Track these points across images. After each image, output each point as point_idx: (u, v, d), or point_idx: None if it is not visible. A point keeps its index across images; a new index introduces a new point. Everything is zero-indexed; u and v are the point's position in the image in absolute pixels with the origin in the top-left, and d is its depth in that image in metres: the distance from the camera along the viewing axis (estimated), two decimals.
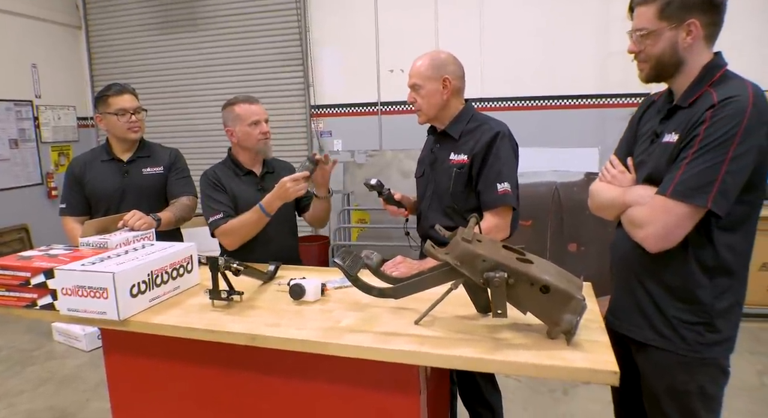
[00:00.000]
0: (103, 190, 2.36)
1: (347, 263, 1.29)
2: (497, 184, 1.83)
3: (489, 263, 1.20)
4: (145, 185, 2.39)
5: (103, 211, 2.36)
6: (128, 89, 2.38)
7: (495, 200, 1.84)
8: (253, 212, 2.01)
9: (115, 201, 2.35)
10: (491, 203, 1.84)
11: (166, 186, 2.44)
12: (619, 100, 5.01)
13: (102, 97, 2.34)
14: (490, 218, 1.85)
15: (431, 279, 1.28)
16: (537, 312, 1.22)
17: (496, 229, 1.84)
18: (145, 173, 2.40)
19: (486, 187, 1.85)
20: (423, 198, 2.04)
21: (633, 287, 1.43)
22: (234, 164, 2.21)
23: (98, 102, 2.36)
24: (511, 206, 1.86)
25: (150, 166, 2.42)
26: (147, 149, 2.47)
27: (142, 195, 2.35)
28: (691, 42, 1.32)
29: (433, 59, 1.92)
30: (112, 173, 2.37)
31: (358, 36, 5.38)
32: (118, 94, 2.34)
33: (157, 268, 1.58)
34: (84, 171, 2.39)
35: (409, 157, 5.12)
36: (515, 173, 1.90)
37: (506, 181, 1.83)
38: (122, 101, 2.33)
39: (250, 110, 2.14)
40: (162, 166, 2.44)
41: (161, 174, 2.43)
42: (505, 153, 1.85)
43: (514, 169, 1.89)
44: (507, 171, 1.85)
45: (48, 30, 5.84)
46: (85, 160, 2.44)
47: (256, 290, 1.71)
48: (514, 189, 1.86)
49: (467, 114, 1.96)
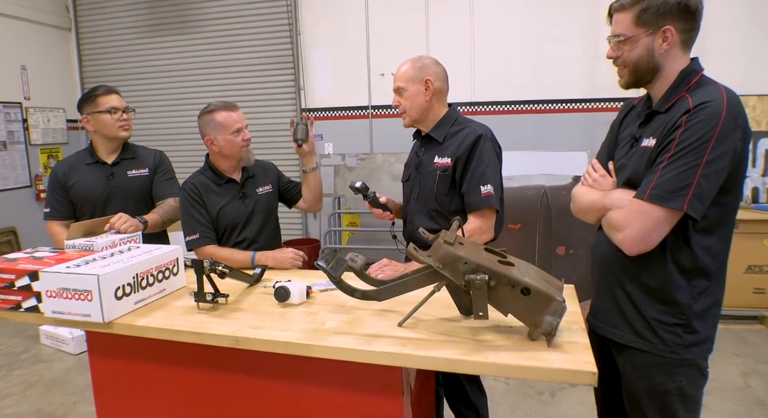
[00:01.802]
0: (88, 194, 2.35)
1: (331, 265, 1.30)
2: (481, 186, 1.85)
3: (470, 266, 1.21)
4: (131, 188, 2.38)
5: (89, 214, 2.35)
6: (115, 90, 2.38)
7: (479, 202, 1.86)
8: (243, 255, 2.03)
9: (100, 204, 2.34)
10: (475, 205, 1.86)
11: (151, 188, 2.43)
12: (607, 104, 5.04)
13: (90, 98, 2.33)
14: (473, 220, 1.87)
15: (414, 281, 1.29)
16: (518, 314, 1.24)
17: (480, 231, 1.86)
18: (130, 176, 2.39)
19: (470, 189, 1.87)
20: (408, 201, 2.06)
21: (613, 289, 1.45)
22: (214, 173, 2.16)
23: (85, 103, 2.34)
24: (494, 208, 1.88)
25: (135, 169, 2.41)
26: (131, 151, 2.46)
27: (127, 197, 2.34)
28: (667, 48, 1.34)
29: (415, 62, 1.96)
30: (97, 176, 2.36)
31: (349, 39, 5.39)
32: (107, 93, 2.34)
33: (143, 270, 1.59)
34: (68, 175, 2.37)
35: (400, 160, 5.12)
36: (498, 175, 1.93)
37: (489, 183, 1.85)
38: (112, 100, 2.33)
39: (232, 118, 2.08)
40: (147, 168, 2.43)
41: (146, 176, 2.42)
42: (488, 155, 1.88)
43: (497, 171, 1.92)
44: (490, 173, 1.87)
45: (38, 32, 5.80)
46: (70, 163, 2.42)
47: (241, 292, 1.72)
48: (497, 191, 1.88)
49: (451, 118, 1.99)
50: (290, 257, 2.01)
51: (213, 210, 2.10)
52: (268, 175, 2.27)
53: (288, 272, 1.99)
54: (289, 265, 2.01)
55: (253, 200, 2.16)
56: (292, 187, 2.31)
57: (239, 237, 2.12)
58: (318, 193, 2.27)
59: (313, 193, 2.26)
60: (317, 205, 2.30)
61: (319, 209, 2.33)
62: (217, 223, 2.11)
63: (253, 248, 2.10)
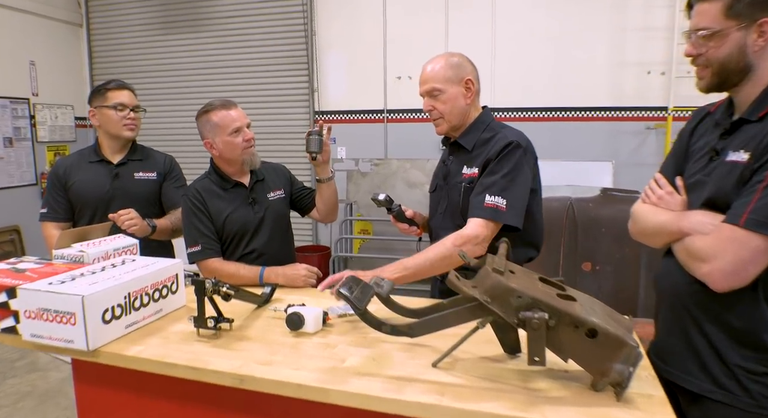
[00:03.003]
0: (89, 194, 2.17)
1: (355, 294, 1.09)
2: (487, 196, 1.59)
3: (525, 300, 1.00)
4: (136, 191, 2.20)
5: (88, 217, 2.17)
6: (129, 86, 2.23)
7: (478, 210, 1.60)
8: (250, 271, 1.83)
9: (101, 207, 2.15)
10: (474, 211, 1.61)
11: (158, 194, 2.26)
12: (633, 113, 4.86)
13: (100, 90, 2.19)
14: (471, 225, 1.60)
15: (455, 316, 1.08)
16: (581, 360, 1.03)
17: (473, 240, 1.58)
18: (137, 178, 2.22)
19: (476, 194, 1.63)
20: (435, 215, 1.85)
21: (687, 329, 1.23)
22: (219, 177, 1.97)
23: (94, 96, 2.19)
24: (496, 223, 1.60)
25: (143, 171, 2.24)
26: (140, 152, 2.29)
27: (132, 202, 2.15)
28: (763, 44, 1.13)
29: (450, 60, 1.72)
30: (101, 176, 2.19)
31: (365, 41, 5.22)
32: (119, 88, 2.19)
33: (136, 289, 1.39)
34: (69, 173, 2.20)
35: (415, 167, 4.95)
36: (521, 190, 1.63)
37: (499, 195, 1.58)
38: (122, 96, 2.18)
39: (229, 117, 1.87)
40: (155, 171, 2.26)
41: (154, 180, 2.25)
42: (510, 165, 1.61)
43: (521, 186, 1.63)
44: (505, 185, 1.59)
45: (48, 27, 5.69)
46: (71, 161, 2.25)
47: (248, 315, 1.51)
48: (515, 206, 1.59)
49: (483, 122, 1.75)
50: (303, 275, 1.80)
51: (218, 217, 1.90)
52: (280, 179, 2.07)
53: (301, 290, 1.78)
54: (302, 283, 1.80)
55: (263, 207, 1.96)
56: (306, 194, 2.10)
57: (247, 248, 1.92)
58: (332, 205, 2.05)
59: (327, 204, 2.04)
60: (331, 216, 2.08)
61: (333, 220, 2.12)
62: (222, 231, 1.90)
63: (262, 261, 1.90)
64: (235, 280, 1.80)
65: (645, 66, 4.70)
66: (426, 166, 4.90)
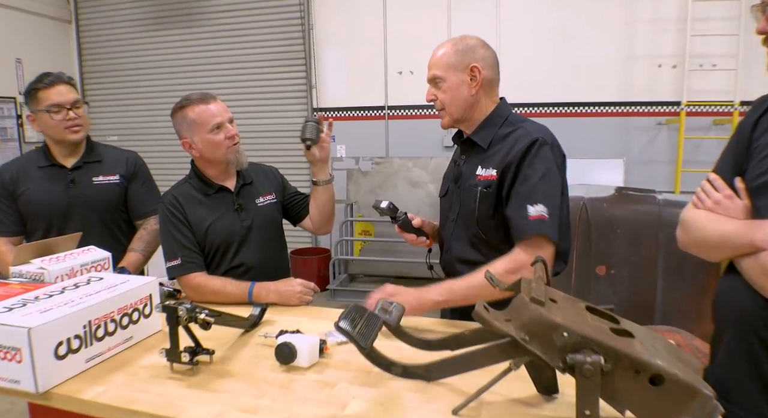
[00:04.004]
0: (42, 205, 1.89)
1: (359, 328, 0.88)
2: (528, 207, 1.37)
3: (573, 339, 0.79)
4: (97, 198, 1.93)
5: (43, 230, 1.91)
6: (62, 78, 1.89)
7: (524, 227, 1.37)
8: (238, 287, 1.61)
9: (57, 218, 1.89)
10: (520, 231, 1.39)
11: (123, 198, 2.00)
12: (644, 108, 4.71)
13: (31, 92, 1.86)
14: (519, 251, 1.39)
15: (483, 356, 0.87)
16: (642, 412, 0.82)
17: (526, 267, 1.34)
18: (96, 183, 1.94)
19: (515, 209, 1.40)
20: (446, 223, 1.61)
21: (756, 358, 1.02)
22: (201, 181, 1.74)
23: (28, 98, 1.87)
24: (547, 237, 1.38)
25: (102, 174, 1.96)
26: (97, 153, 1.99)
27: (92, 210, 1.91)
28: None
29: (457, 44, 1.49)
30: (54, 183, 1.91)
31: (365, 35, 5.06)
32: (50, 86, 1.85)
33: (100, 316, 1.18)
34: (17, 180, 1.91)
35: (418, 165, 4.76)
36: (557, 194, 1.42)
37: (541, 203, 1.36)
38: (55, 94, 1.84)
39: (208, 112, 1.65)
40: (117, 174, 1.99)
41: (116, 184, 1.98)
42: (543, 166, 1.40)
43: (556, 189, 1.42)
44: (544, 189, 1.38)
45: (35, 23, 5.50)
46: (19, 166, 1.96)
47: (233, 342, 1.30)
48: (554, 215, 1.38)
49: (499, 116, 1.52)
50: (298, 291, 1.58)
51: (200, 227, 1.68)
52: (270, 182, 1.85)
53: (296, 309, 1.57)
54: (297, 301, 1.58)
55: (251, 214, 1.74)
56: (300, 200, 1.87)
57: (233, 261, 1.70)
58: (328, 213, 1.82)
59: (322, 211, 1.81)
60: (326, 227, 1.85)
61: (328, 231, 1.88)
62: (205, 243, 1.68)
63: (252, 275, 1.68)
64: (221, 298, 1.59)
65: (656, 59, 4.54)
66: (429, 164, 4.72)
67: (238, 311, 1.35)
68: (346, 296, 4.65)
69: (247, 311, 1.41)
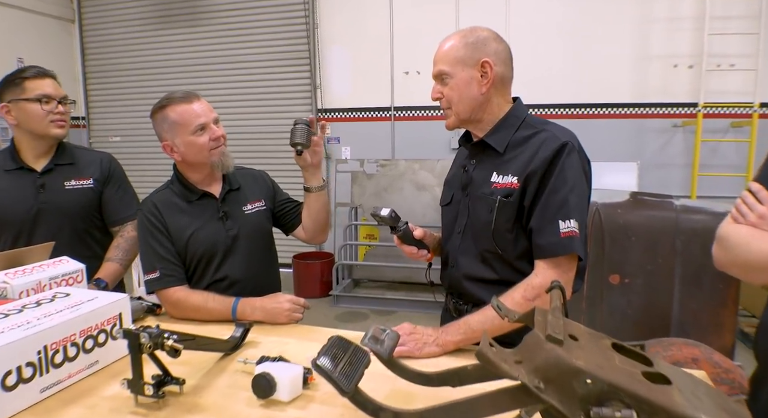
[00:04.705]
0: (8, 212, 1.76)
1: (341, 367, 0.74)
2: (560, 222, 1.23)
3: (598, 387, 0.65)
4: (69, 205, 1.80)
5: (10, 239, 1.77)
6: (51, 74, 1.80)
7: (555, 246, 1.23)
8: (221, 303, 1.47)
9: (26, 226, 1.76)
10: (549, 250, 1.24)
11: (97, 204, 1.87)
12: (659, 109, 4.58)
13: (14, 80, 1.74)
14: (544, 271, 1.25)
15: (488, 403, 0.73)
16: None
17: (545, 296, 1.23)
18: (68, 188, 1.81)
19: (543, 224, 1.25)
20: (451, 235, 1.46)
21: None
22: (183, 186, 1.61)
23: (7, 87, 1.75)
24: (577, 256, 1.25)
25: (75, 178, 1.83)
26: (69, 154, 1.86)
27: (63, 217, 1.78)
28: None
29: (467, 37, 1.33)
30: (22, 188, 1.77)
31: (370, 34, 4.96)
32: (39, 76, 1.75)
33: (58, 339, 1.05)
34: None
35: (425, 168, 4.63)
36: (586, 205, 1.29)
37: (573, 218, 1.23)
38: (45, 86, 1.75)
39: (191, 112, 1.51)
40: (91, 177, 1.86)
41: (90, 188, 1.85)
42: (573, 175, 1.25)
43: (585, 200, 1.29)
44: (575, 201, 1.24)
45: (37, 22, 5.45)
46: None
47: (210, 366, 1.17)
48: (582, 230, 1.25)
49: (516, 117, 1.37)
50: (286, 309, 1.44)
51: (180, 237, 1.54)
52: (260, 188, 1.71)
53: (284, 328, 1.43)
54: (285, 319, 1.44)
55: (237, 222, 1.60)
56: (292, 208, 1.73)
57: (217, 273, 1.56)
58: (322, 221, 1.68)
59: (315, 220, 1.67)
60: (320, 236, 1.71)
61: (323, 240, 1.75)
62: (186, 254, 1.55)
63: (237, 290, 1.54)
64: (202, 314, 1.46)
65: (671, 59, 4.41)
66: (436, 167, 4.58)
67: (221, 329, 1.22)
68: (349, 302, 4.51)
69: (231, 329, 1.28)
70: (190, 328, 1.43)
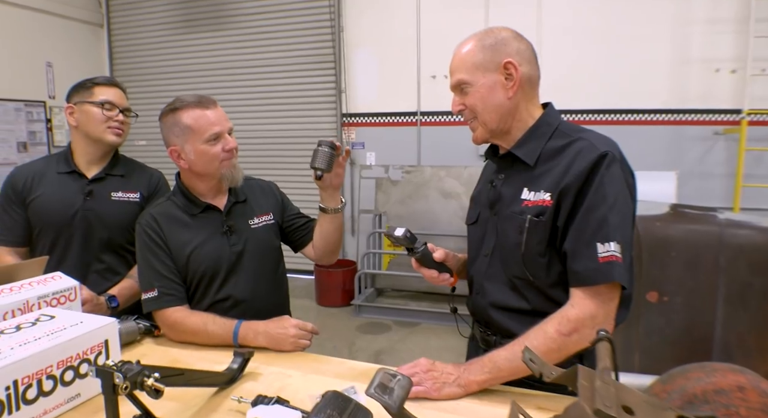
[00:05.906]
0: (52, 213, 1.74)
1: None
2: (598, 245, 1.07)
3: None
4: (111, 216, 1.75)
5: (48, 242, 1.74)
6: (120, 85, 1.81)
7: (591, 273, 1.07)
8: (222, 327, 1.36)
9: (65, 230, 1.73)
10: (585, 276, 1.09)
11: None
12: (699, 116, 4.35)
13: (85, 84, 1.75)
14: (582, 301, 1.09)
15: None
16: None
17: (591, 322, 1.06)
18: (114, 198, 1.77)
19: (579, 247, 1.10)
20: (477, 258, 1.31)
21: None
22: (186, 198, 1.50)
23: (76, 90, 1.76)
24: (619, 285, 1.09)
25: (123, 190, 1.79)
26: (122, 166, 1.84)
27: (104, 227, 1.73)
28: None
29: (484, 39, 1.19)
30: (70, 191, 1.75)
31: (397, 38, 4.87)
32: (109, 84, 1.76)
33: (31, 372, 0.94)
34: (31, 185, 1.76)
35: (451, 175, 4.49)
36: (630, 225, 1.13)
37: (614, 240, 1.07)
38: (111, 94, 1.75)
39: (206, 119, 1.42)
40: (139, 192, 1.82)
41: (136, 203, 1.80)
42: (614, 190, 1.09)
43: (629, 218, 1.12)
44: (616, 220, 1.08)
45: (67, 27, 5.52)
46: (35, 169, 1.81)
47: (202, 403, 1.05)
48: (626, 252, 1.08)
49: (549, 124, 1.21)
50: (292, 335, 1.31)
51: (181, 253, 1.43)
52: (268, 201, 1.59)
53: (288, 357, 1.31)
54: (290, 347, 1.31)
55: (242, 237, 1.48)
56: (303, 224, 1.60)
57: (219, 293, 1.45)
58: (333, 243, 1.56)
59: (326, 241, 1.55)
60: (329, 257, 1.59)
61: (331, 262, 1.62)
62: (187, 271, 1.44)
63: (240, 311, 1.43)
64: (201, 338, 1.35)
65: (712, 63, 4.19)
66: (463, 174, 4.43)
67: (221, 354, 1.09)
68: (371, 312, 4.38)
69: (232, 355, 1.16)
70: (188, 352, 1.33)
